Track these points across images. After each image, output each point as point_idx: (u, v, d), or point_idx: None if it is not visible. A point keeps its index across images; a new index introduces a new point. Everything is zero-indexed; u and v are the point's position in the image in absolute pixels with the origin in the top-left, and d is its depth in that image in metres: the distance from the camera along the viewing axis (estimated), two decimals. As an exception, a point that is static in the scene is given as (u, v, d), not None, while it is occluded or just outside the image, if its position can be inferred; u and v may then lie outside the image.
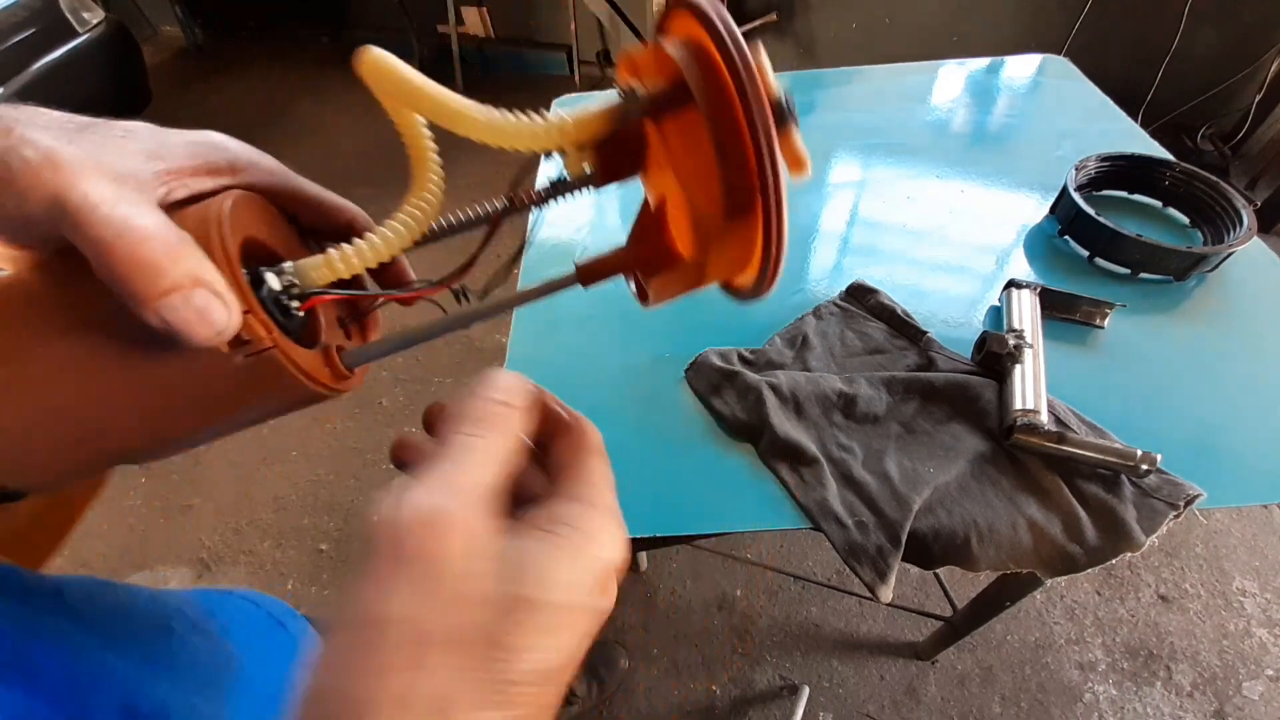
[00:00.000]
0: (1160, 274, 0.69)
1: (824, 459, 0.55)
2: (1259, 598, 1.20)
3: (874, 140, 0.94)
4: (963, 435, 0.57)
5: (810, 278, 0.73)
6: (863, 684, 1.14)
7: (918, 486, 0.53)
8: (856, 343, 0.66)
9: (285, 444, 1.56)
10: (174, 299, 0.15)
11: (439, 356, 1.73)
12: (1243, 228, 0.67)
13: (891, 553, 0.51)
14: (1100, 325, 0.65)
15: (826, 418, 0.59)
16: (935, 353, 0.63)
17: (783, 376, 0.60)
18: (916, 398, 0.60)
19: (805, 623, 1.22)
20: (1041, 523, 0.51)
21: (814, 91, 1.08)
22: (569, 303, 0.72)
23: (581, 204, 0.88)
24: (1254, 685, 1.11)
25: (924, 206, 0.82)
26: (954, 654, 1.16)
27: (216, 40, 3.15)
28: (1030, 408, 0.54)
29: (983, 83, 1.06)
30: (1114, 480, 0.53)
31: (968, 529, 0.51)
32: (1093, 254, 0.72)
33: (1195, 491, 0.51)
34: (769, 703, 1.14)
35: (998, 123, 0.98)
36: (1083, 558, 0.50)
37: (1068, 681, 1.13)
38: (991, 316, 0.68)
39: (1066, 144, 0.89)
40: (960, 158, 0.90)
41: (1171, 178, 0.76)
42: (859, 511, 0.53)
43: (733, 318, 0.69)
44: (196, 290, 0.16)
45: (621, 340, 0.68)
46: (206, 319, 0.16)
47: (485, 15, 2.73)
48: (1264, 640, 1.15)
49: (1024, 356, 0.58)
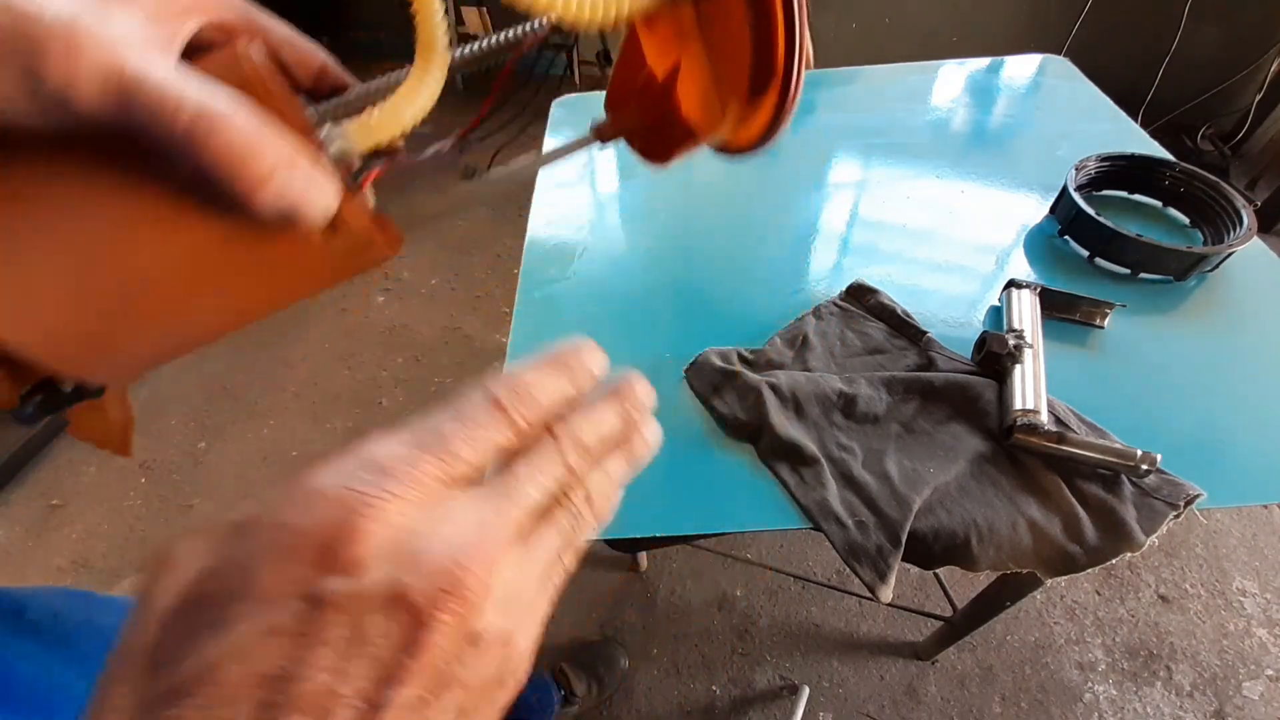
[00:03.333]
0: (1160, 274, 0.69)
1: (824, 459, 0.56)
2: (1259, 598, 1.20)
3: (874, 140, 0.94)
4: (963, 435, 0.57)
5: (810, 277, 0.73)
6: (863, 684, 1.14)
7: (918, 486, 0.53)
8: (856, 343, 0.66)
9: (285, 444, 1.56)
10: (279, 181, 0.15)
11: (439, 357, 1.73)
12: (1243, 228, 0.67)
13: (891, 553, 0.51)
14: (1100, 325, 0.65)
15: (826, 418, 0.59)
16: (935, 353, 0.63)
17: (783, 376, 0.61)
18: (916, 398, 0.60)
19: (805, 623, 1.22)
20: (1041, 523, 0.51)
21: (814, 91, 1.08)
22: (569, 303, 0.72)
23: (581, 204, 0.88)
24: (1254, 685, 1.11)
25: (924, 206, 0.82)
26: (954, 654, 1.16)
27: (216, 40, 3.15)
28: (1030, 408, 0.54)
29: (983, 83, 1.06)
30: (1114, 480, 0.53)
31: (968, 529, 0.51)
32: (1093, 254, 0.72)
33: (1195, 491, 0.51)
34: (769, 703, 1.14)
35: (998, 123, 0.98)
36: (1083, 558, 0.50)
37: (1068, 681, 1.13)
38: (991, 316, 0.68)
39: (1066, 144, 0.89)
40: (960, 158, 0.90)
41: (1171, 178, 0.76)
42: (859, 511, 0.53)
43: (733, 318, 0.69)
44: (295, 170, 0.15)
45: (621, 340, 0.68)
46: (311, 198, 0.16)
47: (485, 15, 2.73)
48: (1264, 640, 1.15)
49: (1024, 356, 0.59)
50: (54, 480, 1.52)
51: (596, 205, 0.88)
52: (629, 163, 0.96)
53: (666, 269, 0.77)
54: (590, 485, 0.20)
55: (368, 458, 0.15)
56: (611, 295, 0.73)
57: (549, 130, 1.01)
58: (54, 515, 1.47)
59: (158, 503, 1.48)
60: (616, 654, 1.16)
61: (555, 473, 0.18)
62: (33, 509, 1.48)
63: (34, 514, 1.47)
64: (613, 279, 0.75)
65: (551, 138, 1.00)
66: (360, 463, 0.15)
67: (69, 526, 1.45)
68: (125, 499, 1.48)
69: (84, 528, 1.44)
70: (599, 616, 1.24)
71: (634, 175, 0.93)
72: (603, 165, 0.96)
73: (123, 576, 1.37)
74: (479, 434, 0.17)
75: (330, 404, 1.64)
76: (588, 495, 0.19)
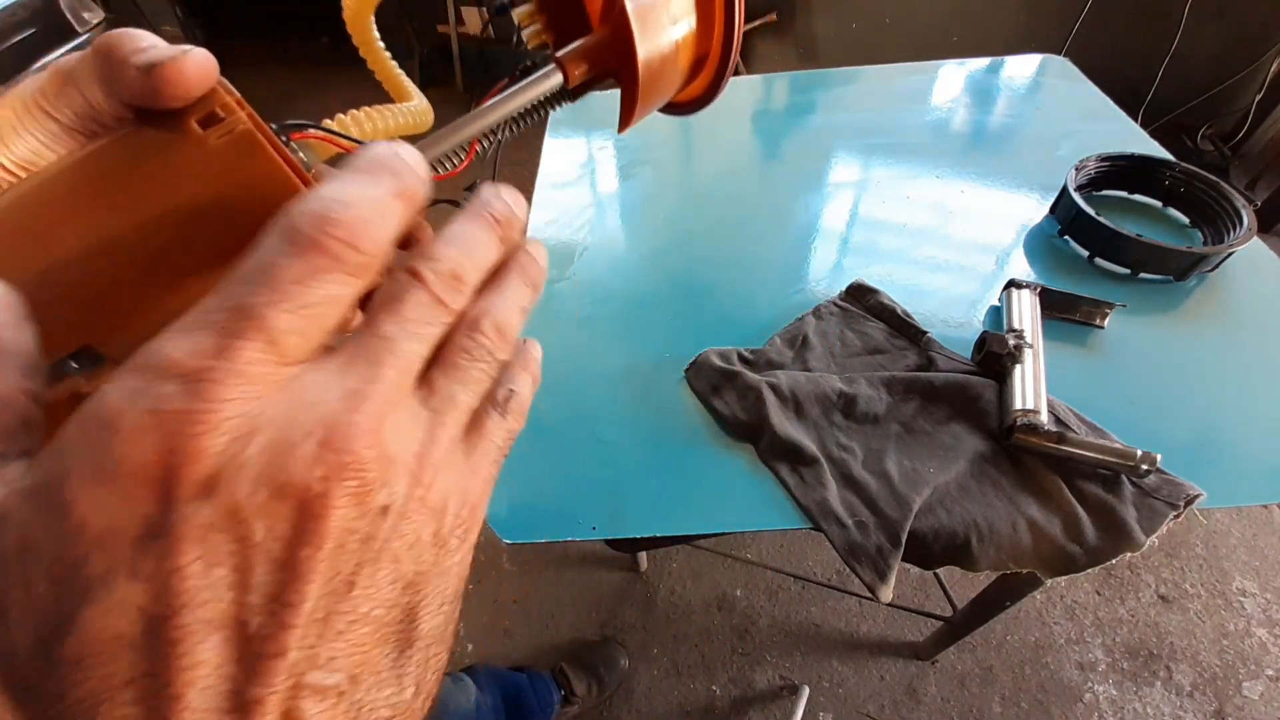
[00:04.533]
0: (1160, 274, 0.69)
1: (824, 459, 0.56)
2: (1259, 598, 1.20)
3: (874, 140, 0.94)
4: (963, 435, 0.57)
5: (810, 278, 0.73)
6: (863, 684, 1.14)
7: (918, 486, 0.53)
8: (856, 343, 0.66)
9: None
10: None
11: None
12: (1243, 228, 0.67)
13: (891, 553, 0.51)
14: (1100, 325, 0.65)
15: (826, 418, 0.59)
16: (935, 353, 0.63)
17: (783, 376, 0.61)
18: (916, 398, 0.60)
19: (805, 623, 1.22)
20: (1041, 523, 0.51)
21: (814, 91, 1.08)
22: (569, 303, 0.72)
23: (581, 203, 0.88)
24: (1254, 685, 1.11)
25: (924, 206, 0.82)
26: (954, 654, 1.16)
27: (217, 40, 3.15)
28: (1030, 408, 0.54)
29: (982, 83, 1.06)
30: (1114, 480, 0.53)
31: (968, 529, 0.51)
32: (1093, 254, 0.72)
33: (1195, 491, 0.51)
34: (769, 703, 1.14)
35: (997, 123, 0.98)
36: (1083, 558, 0.50)
37: (1068, 681, 1.13)
38: (991, 316, 0.68)
39: (1066, 144, 0.89)
40: (960, 158, 0.90)
41: (1171, 178, 0.76)
42: (859, 511, 0.53)
43: (733, 318, 0.69)
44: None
45: (621, 340, 0.68)
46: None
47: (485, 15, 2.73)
48: (1264, 640, 1.15)
49: (1024, 356, 0.59)
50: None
51: (596, 205, 0.88)
52: (629, 163, 0.96)
53: (666, 269, 0.77)
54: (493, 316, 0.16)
55: (164, 363, 0.12)
56: (611, 295, 0.73)
57: (548, 131, 1.01)
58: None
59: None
60: (616, 654, 1.16)
61: (433, 318, 0.15)
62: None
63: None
64: (613, 279, 0.75)
65: (552, 138, 1.00)
66: (156, 373, 0.12)
67: (69, 526, 1.44)
68: (125, 499, 1.48)
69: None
70: (599, 616, 1.24)
71: (634, 175, 0.93)
72: (603, 165, 0.96)
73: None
74: (297, 294, 0.13)
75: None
76: (496, 325, 0.16)
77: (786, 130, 1.02)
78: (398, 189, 0.15)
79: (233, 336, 0.12)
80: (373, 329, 0.15)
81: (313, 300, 0.13)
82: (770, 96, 1.10)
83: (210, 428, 0.12)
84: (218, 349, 0.12)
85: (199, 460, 0.12)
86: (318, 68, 2.95)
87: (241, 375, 0.12)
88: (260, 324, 0.13)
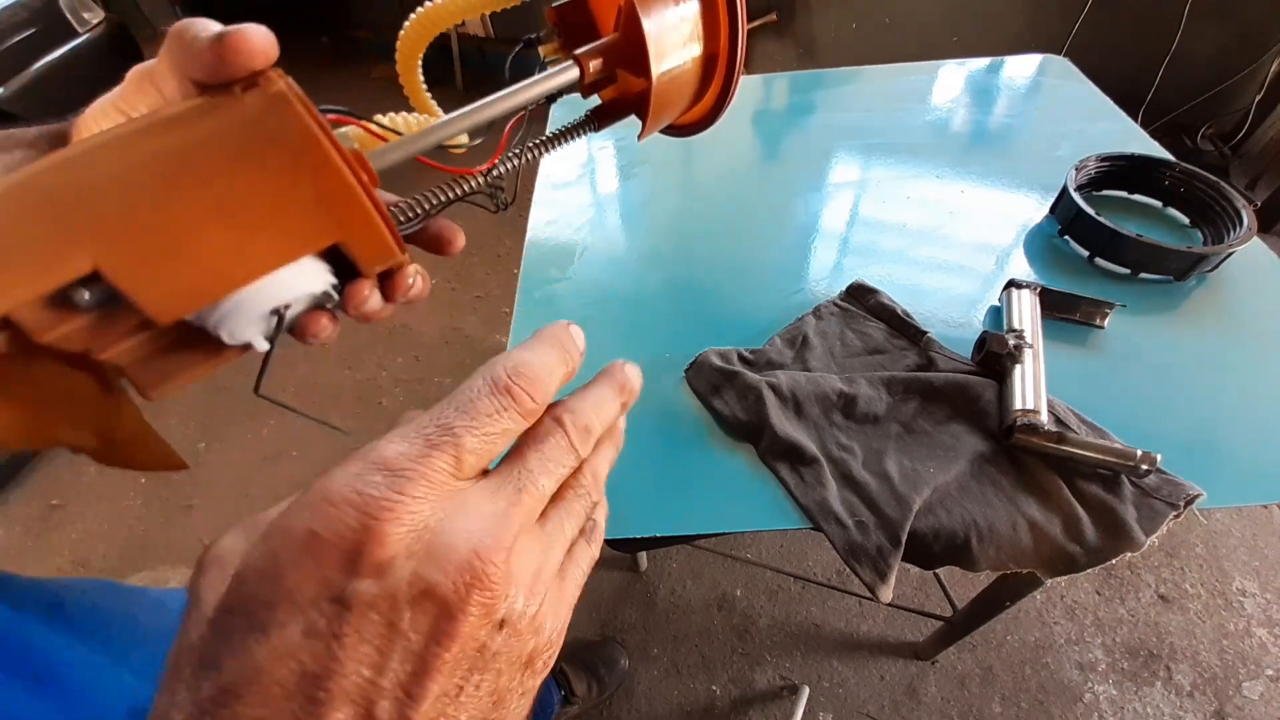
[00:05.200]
0: (1160, 274, 0.69)
1: (824, 459, 0.55)
2: (1259, 598, 1.20)
3: (874, 140, 0.94)
4: (963, 435, 0.57)
5: (810, 278, 0.73)
6: (863, 684, 1.14)
7: (918, 486, 0.53)
8: (856, 343, 0.66)
9: (285, 444, 1.56)
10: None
11: (439, 357, 1.73)
12: (1243, 228, 0.67)
13: (891, 553, 0.51)
14: (1100, 325, 0.65)
15: (826, 418, 0.59)
16: (935, 353, 0.63)
17: (783, 376, 0.60)
18: (916, 398, 0.60)
19: (805, 623, 1.22)
20: (1041, 523, 0.51)
21: (814, 91, 1.08)
22: (569, 303, 0.72)
23: (581, 203, 0.88)
24: (1254, 685, 1.11)
25: (924, 206, 0.82)
26: (954, 654, 1.16)
27: (216, 40, 3.15)
28: (1030, 408, 0.54)
29: (983, 83, 1.06)
30: (1114, 480, 0.53)
31: (968, 529, 0.51)
32: (1093, 254, 0.72)
33: (1195, 491, 0.51)
34: (769, 703, 1.13)
35: (998, 123, 0.98)
36: (1083, 558, 0.50)
37: (1068, 681, 1.13)
38: (991, 316, 0.68)
39: (1066, 144, 0.89)
40: (960, 158, 0.90)
41: (1171, 178, 0.76)
42: (859, 511, 0.53)
43: (733, 318, 0.69)
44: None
45: (621, 340, 0.68)
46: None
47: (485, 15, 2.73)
48: (1264, 640, 1.15)
49: (1024, 356, 0.58)
50: (54, 480, 1.52)
51: (596, 205, 0.88)
52: (629, 162, 0.96)
53: (666, 269, 0.77)
54: (594, 465, 0.20)
55: (378, 459, 0.15)
56: (611, 295, 0.73)
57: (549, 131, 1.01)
58: (54, 515, 1.47)
59: (157, 503, 1.48)
60: (616, 654, 1.16)
61: (566, 461, 0.19)
62: (33, 509, 1.48)
63: (34, 514, 1.47)
64: (613, 279, 0.75)
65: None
66: (371, 465, 0.15)
67: (69, 526, 1.45)
68: (125, 499, 1.48)
69: (84, 528, 1.44)
70: (599, 616, 1.24)
71: (634, 175, 0.93)
72: (603, 165, 0.96)
73: (122, 577, 1.37)
74: (486, 424, 0.17)
75: (330, 404, 1.64)
76: (595, 472, 0.20)
77: (786, 130, 1.02)
78: (565, 359, 0.19)
79: (432, 448, 0.16)
80: (521, 459, 0.18)
81: (494, 430, 0.17)
82: (770, 96, 1.10)
83: (397, 517, 0.15)
84: (420, 456, 0.16)
85: (383, 544, 0.14)
86: (317, 67, 2.95)
87: (429, 480, 0.15)
88: (455, 441, 0.16)
